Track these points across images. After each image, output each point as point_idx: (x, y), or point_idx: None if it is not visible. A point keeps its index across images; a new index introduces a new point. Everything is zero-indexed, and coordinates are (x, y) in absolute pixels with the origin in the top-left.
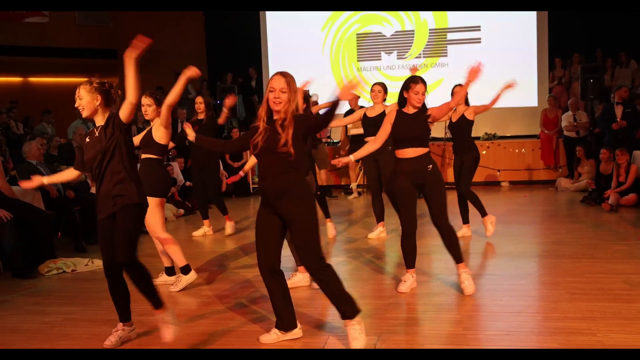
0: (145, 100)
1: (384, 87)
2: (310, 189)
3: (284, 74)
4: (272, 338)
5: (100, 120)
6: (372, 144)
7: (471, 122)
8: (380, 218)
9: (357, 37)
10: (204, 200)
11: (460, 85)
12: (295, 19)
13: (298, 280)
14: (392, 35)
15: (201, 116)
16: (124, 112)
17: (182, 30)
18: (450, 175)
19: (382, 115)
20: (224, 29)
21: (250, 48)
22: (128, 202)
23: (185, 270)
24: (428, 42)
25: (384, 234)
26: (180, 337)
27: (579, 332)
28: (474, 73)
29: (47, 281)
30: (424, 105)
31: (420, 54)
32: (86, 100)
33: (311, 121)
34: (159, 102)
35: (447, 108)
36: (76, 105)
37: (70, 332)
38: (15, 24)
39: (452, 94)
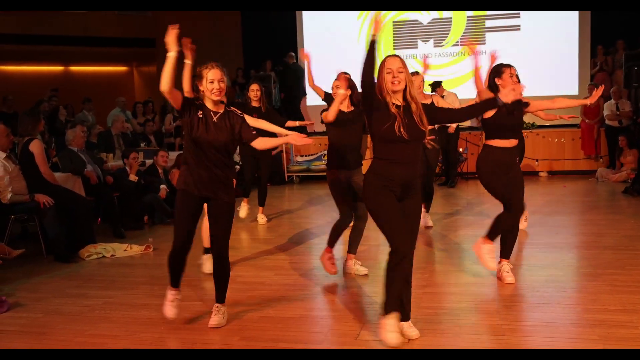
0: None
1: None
2: None
3: (396, 56)
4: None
5: (214, 106)
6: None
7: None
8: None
9: (394, 25)
10: (252, 181)
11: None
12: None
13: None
14: (429, 22)
15: (256, 104)
16: (255, 143)
17: (219, 18)
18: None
19: (431, 105)
20: (260, 17)
21: (286, 36)
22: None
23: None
24: (466, 29)
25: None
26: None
27: (620, 325)
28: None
29: (87, 265)
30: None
31: (457, 42)
32: (226, 84)
33: (443, 114)
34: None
35: (547, 105)
36: (216, 89)
37: (110, 315)
38: (56, 14)
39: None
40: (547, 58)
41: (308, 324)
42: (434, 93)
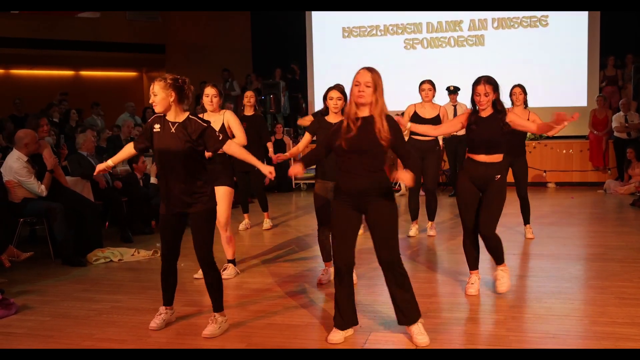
0: (212, 91)
1: (433, 85)
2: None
3: (370, 69)
4: (338, 337)
5: (173, 116)
6: (433, 130)
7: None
8: (414, 217)
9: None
10: (246, 195)
11: (519, 86)
12: (341, 13)
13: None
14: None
15: (249, 112)
16: (227, 147)
17: (228, 25)
18: None
19: (438, 117)
20: (270, 23)
21: (296, 43)
22: (207, 206)
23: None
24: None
25: (416, 233)
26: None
27: (627, 338)
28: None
29: (95, 269)
30: (503, 108)
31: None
32: (161, 96)
33: (402, 146)
34: (221, 94)
35: (529, 127)
36: (150, 101)
37: (117, 320)
38: (68, 19)
39: (510, 95)
40: (556, 69)
41: (314, 331)
42: (447, 102)
